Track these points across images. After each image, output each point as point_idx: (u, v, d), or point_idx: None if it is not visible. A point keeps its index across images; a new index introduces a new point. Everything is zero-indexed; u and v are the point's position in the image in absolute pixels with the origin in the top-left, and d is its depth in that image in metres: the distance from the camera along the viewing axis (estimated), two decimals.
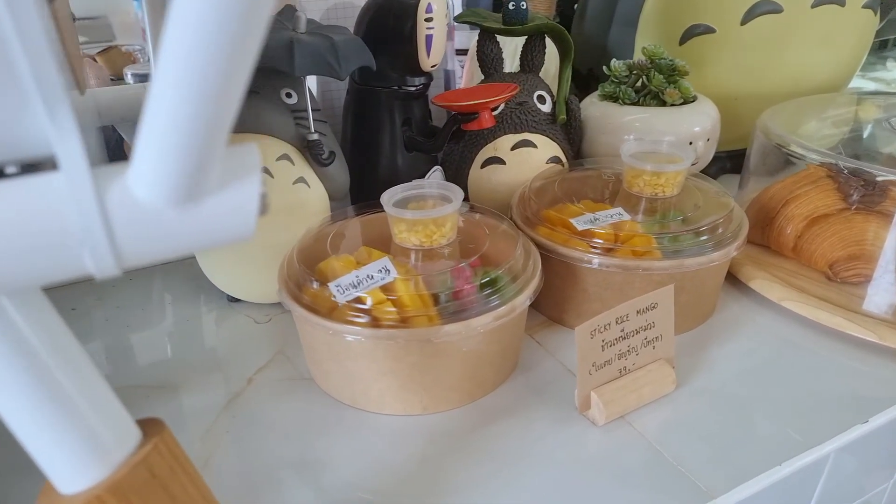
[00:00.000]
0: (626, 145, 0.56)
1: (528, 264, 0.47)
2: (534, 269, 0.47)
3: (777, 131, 0.58)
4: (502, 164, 0.63)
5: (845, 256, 0.55)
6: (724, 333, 0.53)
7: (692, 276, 0.50)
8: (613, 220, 0.52)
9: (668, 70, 0.65)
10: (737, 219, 0.53)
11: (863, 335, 0.49)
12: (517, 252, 0.47)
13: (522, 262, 0.47)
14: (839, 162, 0.52)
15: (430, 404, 0.44)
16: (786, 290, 0.55)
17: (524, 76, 0.65)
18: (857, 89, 1.32)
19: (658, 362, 0.45)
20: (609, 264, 0.48)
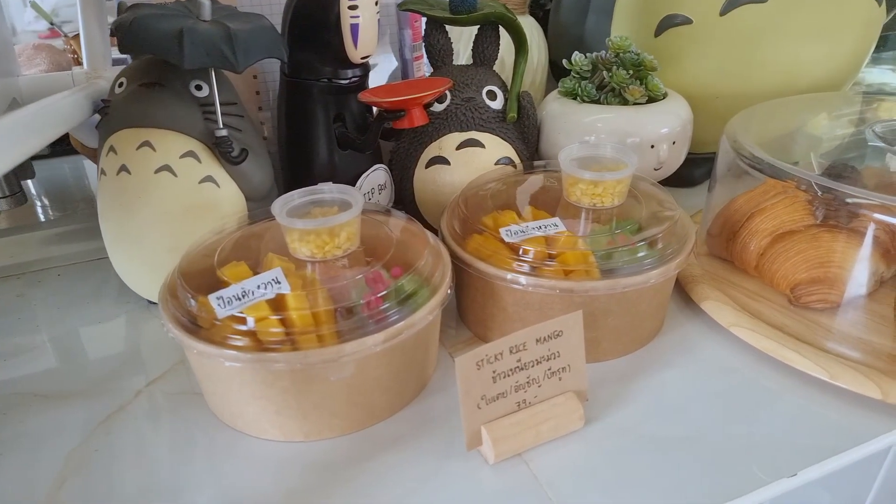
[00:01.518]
0: (566, 149, 0.51)
1: (434, 278, 0.43)
2: (440, 282, 0.43)
3: (739, 138, 0.52)
4: (447, 165, 0.58)
5: (808, 279, 0.50)
6: (663, 360, 0.48)
7: (622, 297, 0.45)
8: (546, 232, 0.48)
9: (632, 65, 0.59)
10: (680, 233, 0.48)
11: (812, 371, 0.44)
12: (421, 263, 0.43)
13: (427, 274, 0.43)
14: (798, 175, 0.46)
15: (311, 431, 0.40)
16: (737, 315, 0.49)
17: (475, 69, 0.60)
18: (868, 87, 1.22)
19: (565, 395, 0.40)
20: (521, 282, 0.44)
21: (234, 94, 0.52)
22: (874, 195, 0.44)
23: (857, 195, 0.44)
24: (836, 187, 0.45)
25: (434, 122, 0.59)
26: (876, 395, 0.41)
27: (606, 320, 0.46)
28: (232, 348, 0.37)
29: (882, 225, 0.46)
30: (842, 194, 0.50)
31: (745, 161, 0.50)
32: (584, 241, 0.47)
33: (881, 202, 0.44)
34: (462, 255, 0.47)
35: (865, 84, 1.25)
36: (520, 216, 0.51)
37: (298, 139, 0.57)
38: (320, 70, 0.54)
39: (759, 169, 0.48)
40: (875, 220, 0.46)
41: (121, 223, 0.50)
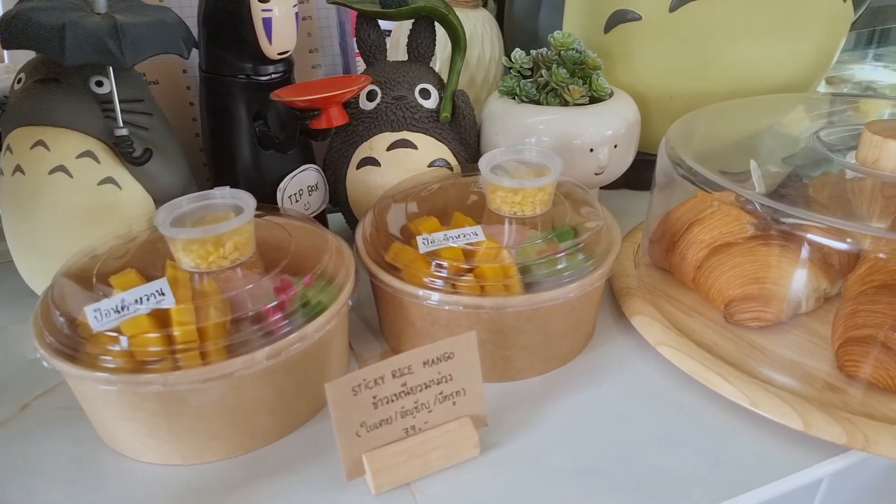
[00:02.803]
0: (488, 154, 0.48)
1: (331, 290, 0.41)
2: (335, 296, 0.40)
3: (676, 145, 0.49)
4: (377, 166, 0.55)
5: (741, 296, 0.47)
6: (584, 380, 0.45)
7: (533, 315, 0.42)
8: (464, 242, 0.45)
9: (573, 64, 0.56)
10: (604, 244, 0.45)
11: (733, 397, 0.41)
12: (317, 274, 0.40)
13: (325, 287, 0.41)
14: (731, 190, 0.43)
15: (189, 454, 0.38)
16: (666, 332, 0.46)
17: (408, 66, 0.57)
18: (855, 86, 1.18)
19: (460, 421, 0.38)
20: (421, 297, 0.41)
21: (143, 90, 0.50)
22: (808, 214, 0.41)
23: (790, 214, 0.41)
24: (768, 204, 0.42)
25: (365, 122, 0.56)
26: (797, 425, 0.38)
27: (518, 338, 0.43)
28: (99, 368, 0.35)
29: (815, 245, 0.43)
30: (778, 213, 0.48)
31: (678, 171, 0.47)
32: (505, 252, 0.44)
33: (814, 223, 0.40)
34: (369, 265, 0.44)
35: (853, 82, 1.21)
36: (444, 223, 0.49)
37: (220, 138, 0.55)
38: (238, 66, 0.51)
39: (692, 181, 0.45)
40: (807, 240, 0.42)
41: (19, 225, 0.48)
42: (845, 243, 0.40)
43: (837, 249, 0.47)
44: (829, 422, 0.38)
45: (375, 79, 0.56)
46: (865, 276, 0.44)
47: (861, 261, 0.46)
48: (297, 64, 0.64)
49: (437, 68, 0.71)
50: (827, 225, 0.39)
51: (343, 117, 0.51)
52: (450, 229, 0.46)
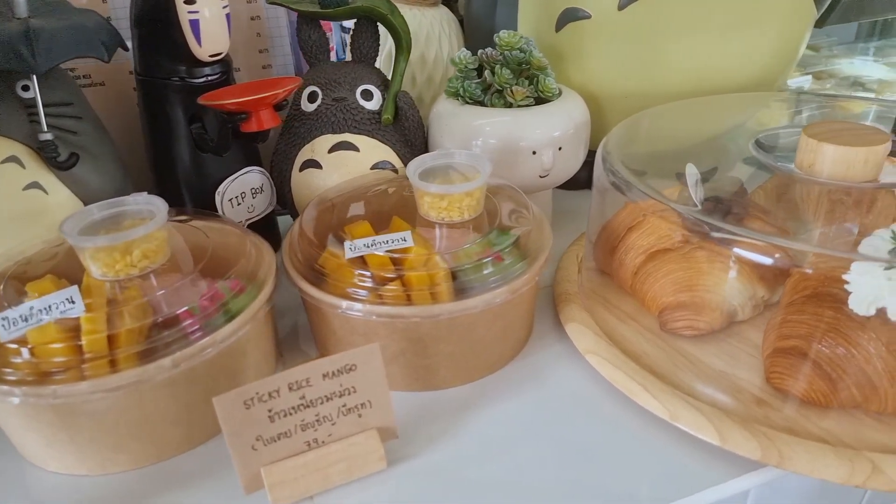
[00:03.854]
0: (418, 158, 0.47)
1: (247, 294, 0.40)
2: (251, 299, 0.40)
3: (612, 149, 0.48)
4: (319, 168, 0.55)
5: (674, 304, 0.45)
6: (511, 389, 0.44)
7: (452, 324, 0.41)
8: (391, 249, 0.44)
9: (517, 64, 0.55)
10: (531, 251, 0.44)
11: (653, 409, 0.40)
12: (230, 280, 0.40)
13: (240, 293, 0.40)
14: (658, 200, 0.42)
15: (94, 466, 0.37)
16: (596, 341, 0.45)
17: (350, 67, 0.57)
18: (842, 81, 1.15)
19: (366, 434, 0.37)
20: (334, 305, 0.41)
21: (74, 93, 0.49)
22: (732, 228, 0.39)
23: (716, 227, 0.40)
24: (691, 216, 0.41)
25: (306, 123, 0.55)
26: (713, 439, 0.37)
27: (439, 347, 0.42)
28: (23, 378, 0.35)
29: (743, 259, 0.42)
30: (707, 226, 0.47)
31: (609, 178, 0.45)
32: (437, 258, 0.43)
33: (737, 237, 0.39)
34: (290, 271, 0.44)
35: (841, 76, 1.18)
36: (383, 228, 0.48)
37: (158, 142, 0.54)
38: (171, 69, 0.51)
39: (621, 190, 0.44)
40: (735, 255, 0.41)
41: None
42: (771, 258, 0.38)
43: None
44: (746, 437, 0.37)
45: (316, 80, 0.55)
46: (798, 285, 0.42)
47: (794, 269, 0.44)
48: (246, 64, 0.64)
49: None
50: (750, 240, 0.38)
51: (274, 120, 0.50)
52: (381, 234, 0.45)
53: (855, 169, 0.42)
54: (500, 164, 0.55)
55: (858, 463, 0.35)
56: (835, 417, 0.38)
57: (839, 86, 1.15)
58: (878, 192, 0.47)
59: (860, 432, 0.37)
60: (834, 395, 0.38)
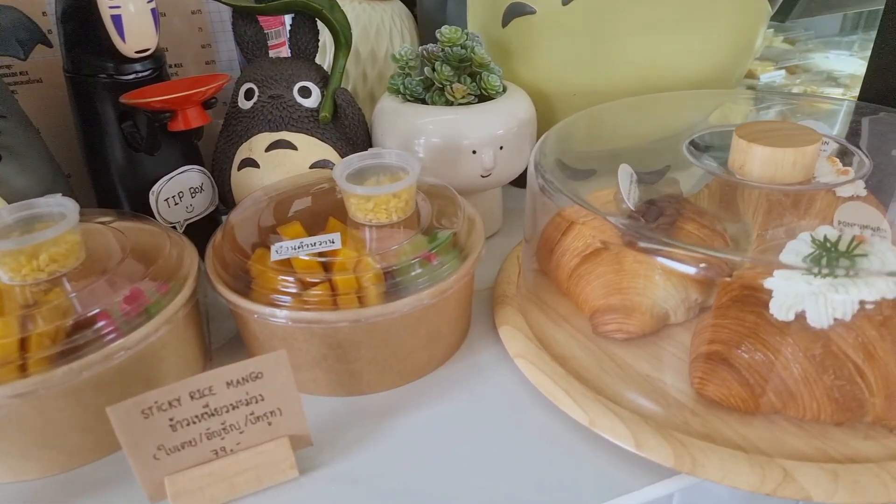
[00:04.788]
0: (346, 159, 0.46)
1: (166, 296, 0.39)
2: (167, 302, 0.39)
3: (547, 150, 0.47)
4: (256, 168, 0.54)
5: (604, 307, 0.45)
6: (440, 394, 0.44)
7: (371, 329, 0.40)
8: (318, 251, 0.43)
9: (458, 60, 0.54)
10: (462, 253, 0.44)
11: (574, 414, 0.39)
12: (148, 282, 0.39)
13: (156, 294, 0.39)
14: (582, 206, 0.41)
15: (4, 473, 0.37)
16: (526, 345, 0.45)
17: (289, 63, 0.56)
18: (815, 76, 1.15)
19: (276, 442, 0.36)
20: (247, 308, 0.40)
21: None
22: (658, 237, 0.39)
23: (642, 236, 0.39)
24: (620, 224, 0.40)
25: (243, 121, 0.54)
26: (630, 446, 0.37)
27: (360, 352, 0.41)
28: None
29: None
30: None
31: (538, 182, 0.44)
32: (367, 260, 0.42)
33: (663, 248, 0.38)
34: (210, 274, 0.43)
35: (815, 71, 1.17)
36: (318, 230, 0.47)
37: (91, 140, 0.53)
38: (98, 66, 0.50)
39: (547, 194, 0.43)
40: (659, 264, 0.41)
41: None
42: (694, 267, 0.37)
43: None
44: (661, 443, 0.36)
45: (253, 77, 0.54)
46: (726, 287, 0.42)
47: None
48: (189, 60, 0.63)
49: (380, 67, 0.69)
50: (669, 249, 0.37)
51: (202, 118, 0.49)
52: (310, 237, 0.44)
53: (784, 170, 0.42)
54: (442, 164, 0.54)
55: (770, 470, 0.34)
56: (756, 424, 0.38)
57: (812, 81, 1.14)
58: (816, 192, 0.46)
59: (779, 439, 0.37)
60: (753, 401, 0.37)
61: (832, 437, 0.36)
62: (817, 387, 0.36)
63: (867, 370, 0.35)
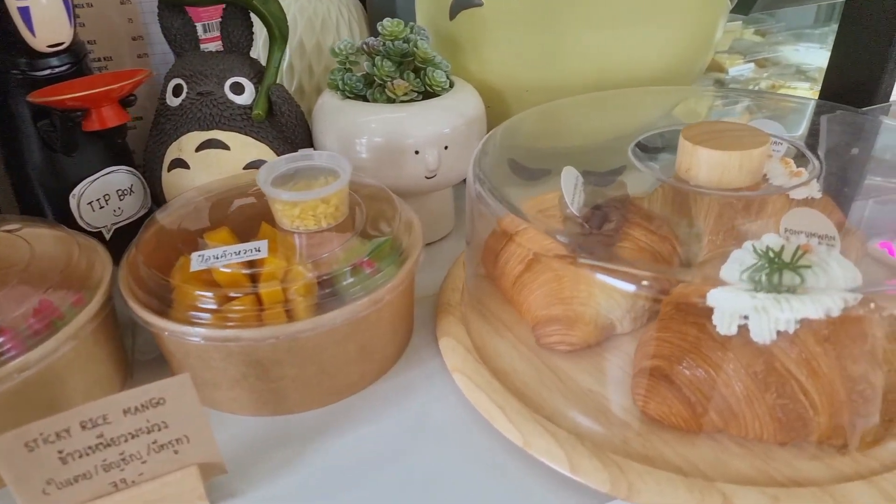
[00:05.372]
0: (273, 161, 0.44)
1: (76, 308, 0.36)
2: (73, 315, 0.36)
3: (489, 150, 0.45)
4: (187, 169, 0.51)
5: (546, 317, 0.43)
6: (372, 412, 0.41)
7: (293, 346, 0.38)
8: (246, 258, 0.40)
9: (399, 55, 0.51)
10: (397, 260, 0.41)
11: (509, 434, 0.37)
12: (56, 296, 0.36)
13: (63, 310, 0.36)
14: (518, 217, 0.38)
15: None
16: (465, 358, 0.42)
17: (220, 58, 0.52)
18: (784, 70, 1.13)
19: (184, 472, 0.34)
20: (157, 325, 0.37)
21: None
22: (587, 250, 0.36)
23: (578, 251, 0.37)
24: (555, 236, 0.38)
25: (172, 120, 0.51)
26: (564, 469, 0.35)
27: (283, 370, 0.39)
28: None
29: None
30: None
31: (475, 188, 0.42)
32: (297, 270, 0.40)
33: (602, 263, 0.36)
34: (121, 286, 0.40)
35: (784, 64, 1.16)
36: (250, 236, 0.44)
37: (6, 140, 0.50)
38: (10, 61, 0.46)
39: (484, 204, 0.40)
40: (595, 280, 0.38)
41: None
42: (634, 285, 0.35)
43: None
44: (597, 467, 0.34)
45: (181, 72, 0.51)
46: (669, 298, 0.40)
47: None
48: (119, 53, 0.59)
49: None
50: (602, 265, 0.35)
51: (119, 117, 0.46)
52: (236, 244, 0.41)
53: (730, 174, 0.40)
54: (384, 165, 0.51)
55: (709, 495, 0.32)
56: (699, 443, 0.36)
57: (781, 74, 1.13)
58: (768, 196, 0.44)
59: (721, 460, 0.35)
60: (695, 421, 0.35)
61: (777, 458, 0.34)
62: (759, 405, 0.34)
63: (811, 388, 0.33)
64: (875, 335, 0.33)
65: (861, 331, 0.33)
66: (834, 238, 0.37)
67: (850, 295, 0.31)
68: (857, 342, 0.33)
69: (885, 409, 0.33)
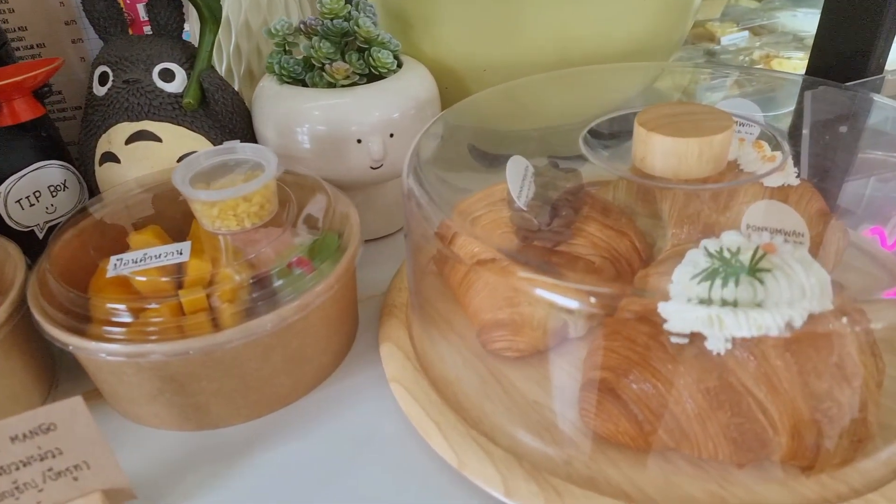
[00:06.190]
0: (192, 157, 0.40)
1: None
2: None
3: (424, 142, 0.41)
4: (117, 163, 0.47)
5: (492, 322, 0.39)
6: (304, 426, 0.38)
7: (208, 360, 0.35)
8: (167, 262, 0.37)
9: (339, 35, 0.47)
10: (330, 260, 0.38)
11: (443, 453, 0.34)
12: None
13: None
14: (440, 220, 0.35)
15: None
16: (404, 366, 0.39)
17: (149, 42, 0.48)
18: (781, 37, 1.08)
19: (86, 499, 0.31)
20: (55, 337, 0.34)
21: None
22: (527, 261, 0.33)
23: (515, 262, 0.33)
24: (493, 246, 0.34)
25: (99, 110, 0.48)
26: (499, 492, 0.32)
27: (200, 385, 0.36)
28: None
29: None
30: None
31: (406, 183, 0.38)
32: (224, 273, 0.37)
33: (540, 277, 0.32)
34: (29, 293, 0.37)
35: (781, 32, 1.10)
36: (183, 235, 0.41)
37: None
38: None
39: (416, 203, 0.37)
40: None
41: None
42: (578, 302, 0.31)
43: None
44: (533, 491, 0.31)
45: (107, 59, 0.48)
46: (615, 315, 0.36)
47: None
48: (53, 40, 0.56)
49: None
50: (548, 280, 0.31)
51: (34, 110, 0.43)
52: (157, 247, 0.38)
53: (688, 163, 0.36)
54: (327, 155, 0.48)
55: None
56: (649, 464, 0.33)
57: (776, 43, 1.07)
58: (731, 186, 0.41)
59: (672, 483, 0.31)
60: (643, 439, 0.32)
61: (734, 481, 0.31)
62: (712, 425, 0.30)
63: (770, 405, 0.30)
64: (843, 346, 0.30)
65: (827, 342, 0.30)
66: (803, 235, 0.33)
67: (815, 306, 0.27)
68: (823, 354, 0.30)
69: (855, 428, 0.30)
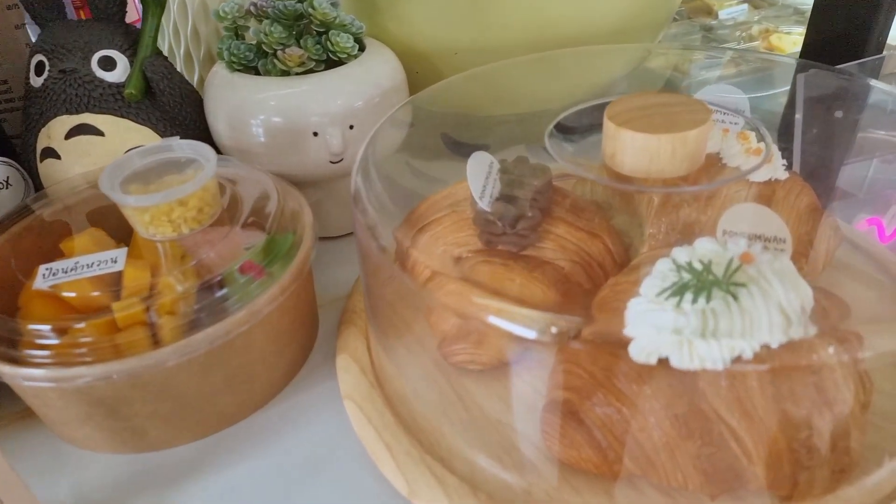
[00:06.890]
0: (123, 157, 0.37)
1: None
2: None
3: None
4: (58, 159, 0.44)
5: (453, 333, 0.36)
6: (250, 447, 0.36)
7: (136, 382, 0.32)
8: (100, 272, 0.35)
9: (292, 18, 0.44)
10: (279, 266, 0.35)
11: (394, 480, 0.31)
12: None
13: None
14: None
15: None
16: (358, 381, 0.36)
17: (87, 28, 0.45)
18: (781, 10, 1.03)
19: None
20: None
21: None
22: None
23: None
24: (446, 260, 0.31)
25: (37, 103, 0.45)
26: None
27: (132, 408, 0.33)
28: None
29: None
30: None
31: (354, 183, 0.35)
32: (166, 283, 0.34)
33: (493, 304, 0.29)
34: None
35: (780, 4, 1.06)
36: (119, 241, 0.38)
37: None
38: None
39: (361, 210, 0.33)
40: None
41: None
42: (534, 331, 0.28)
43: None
44: None
45: (43, 47, 0.44)
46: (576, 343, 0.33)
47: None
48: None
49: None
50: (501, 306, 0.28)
51: None
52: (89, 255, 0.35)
53: (660, 161, 0.32)
54: (284, 150, 0.45)
55: None
56: (615, 493, 0.30)
57: (776, 17, 1.02)
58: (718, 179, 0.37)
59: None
60: (607, 467, 0.29)
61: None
62: (681, 455, 0.28)
63: (744, 433, 0.27)
64: (823, 368, 0.27)
65: (807, 364, 0.27)
66: (784, 241, 0.30)
67: (794, 331, 0.24)
68: (801, 378, 0.27)
69: (837, 458, 0.27)
